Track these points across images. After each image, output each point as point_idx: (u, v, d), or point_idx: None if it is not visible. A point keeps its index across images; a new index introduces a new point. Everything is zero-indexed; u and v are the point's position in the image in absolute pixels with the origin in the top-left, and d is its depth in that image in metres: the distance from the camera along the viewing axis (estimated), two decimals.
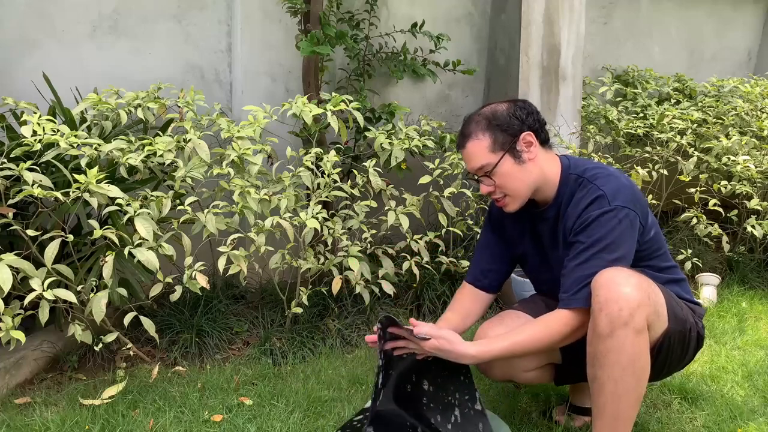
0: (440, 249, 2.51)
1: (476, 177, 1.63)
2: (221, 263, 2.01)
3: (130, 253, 1.83)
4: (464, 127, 1.63)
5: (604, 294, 1.41)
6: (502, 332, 1.62)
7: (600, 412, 1.48)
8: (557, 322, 1.50)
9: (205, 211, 2.02)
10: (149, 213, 1.89)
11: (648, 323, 1.43)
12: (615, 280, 1.42)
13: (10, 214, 1.76)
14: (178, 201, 2.05)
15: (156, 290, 1.96)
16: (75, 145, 1.91)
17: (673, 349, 1.56)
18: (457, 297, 1.83)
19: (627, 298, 1.39)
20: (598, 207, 1.52)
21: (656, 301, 1.47)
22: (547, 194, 1.64)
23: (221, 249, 2.03)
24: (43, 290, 1.71)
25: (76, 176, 1.80)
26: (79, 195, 1.80)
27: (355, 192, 2.30)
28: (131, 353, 2.11)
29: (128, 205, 1.86)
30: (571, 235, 1.56)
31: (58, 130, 1.93)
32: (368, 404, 1.69)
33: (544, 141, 1.63)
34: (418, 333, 1.51)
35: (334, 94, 2.33)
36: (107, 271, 1.79)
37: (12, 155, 1.88)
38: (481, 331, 1.72)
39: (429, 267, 2.45)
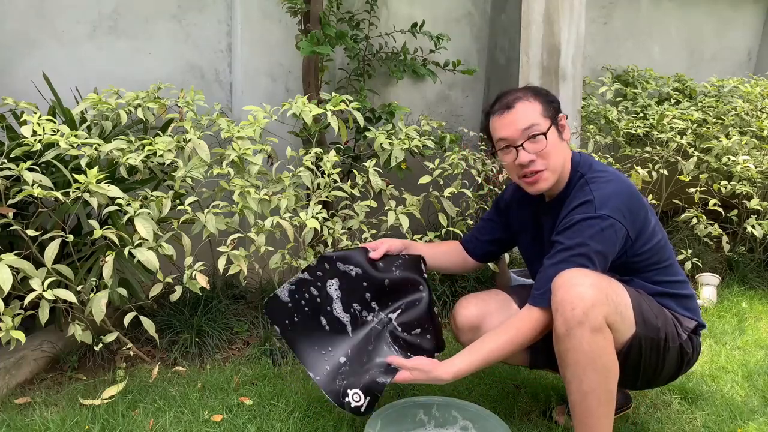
0: None
1: (519, 144, 1.56)
2: (221, 263, 2.01)
3: (130, 253, 1.83)
4: (507, 96, 1.61)
5: (561, 295, 1.43)
6: (477, 313, 1.74)
7: (573, 411, 1.51)
8: (527, 323, 1.52)
9: (205, 211, 2.02)
10: (149, 213, 1.89)
11: (609, 323, 1.43)
12: (571, 280, 1.43)
13: (10, 214, 1.76)
14: (178, 201, 2.05)
15: (156, 290, 1.96)
16: (75, 145, 1.91)
17: (646, 356, 1.55)
18: (442, 242, 1.97)
19: (581, 297, 1.40)
20: (583, 211, 1.52)
21: (617, 301, 1.46)
22: (558, 187, 1.65)
23: (221, 249, 2.03)
24: (43, 290, 1.71)
25: (76, 176, 1.79)
26: (79, 195, 1.80)
27: (355, 192, 2.30)
28: (131, 353, 2.11)
29: (128, 205, 1.86)
30: (554, 234, 1.57)
31: (58, 130, 1.93)
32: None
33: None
34: (392, 362, 1.59)
35: (334, 94, 2.33)
36: (107, 271, 1.79)
37: (12, 155, 1.88)
38: (458, 306, 1.79)
39: None
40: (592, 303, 1.40)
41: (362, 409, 1.57)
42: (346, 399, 1.58)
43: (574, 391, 1.47)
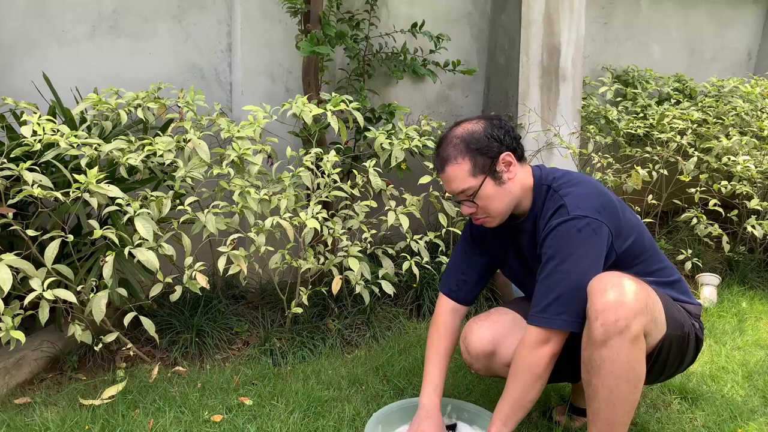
0: (440, 249, 2.51)
1: (457, 199, 1.63)
2: (221, 263, 2.01)
3: (130, 253, 1.84)
4: (441, 149, 1.60)
5: (602, 302, 1.38)
6: (490, 338, 1.67)
7: (594, 416, 1.48)
8: (535, 356, 1.49)
9: (205, 211, 2.02)
10: (149, 213, 1.89)
11: (645, 332, 1.42)
12: (612, 287, 1.39)
13: (10, 214, 1.76)
14: (178, 201, 2.05)
15: (156, 290, 1.96)
16: (75, 145, 1.91)
17: (671, 354, 1.55)
18: (439, 314, 1.79)
19: (625, 307, 1.37)
20: (558, 217, 1.50)
21: (654, 308, 1.45)
22: (524, 206, 1.64)
23: (221, 249, 2.03)
24: (43, 290, 1.71)
25: (76, 176, 1.80)
26: (79, 195, 1.80)
27: (355, 192, 2.30)
28: (131, 353, 2.11)
29: (128, 205, 1.86)
30: (539, 248, 1.55)
31: (58, 130, 1.93)
32: None
33: (521, 157, 1.62)
34: None
35: (334, 94, 2.33)
36: (107, 271, 1.79)
37: (12, 155, 1.88)
38: (467, 332, 1.72)
39: (429, 267, 2.45)
40: (635, 313, 1.37)
41: None
42: None
43: (602, 399, 1.44)
